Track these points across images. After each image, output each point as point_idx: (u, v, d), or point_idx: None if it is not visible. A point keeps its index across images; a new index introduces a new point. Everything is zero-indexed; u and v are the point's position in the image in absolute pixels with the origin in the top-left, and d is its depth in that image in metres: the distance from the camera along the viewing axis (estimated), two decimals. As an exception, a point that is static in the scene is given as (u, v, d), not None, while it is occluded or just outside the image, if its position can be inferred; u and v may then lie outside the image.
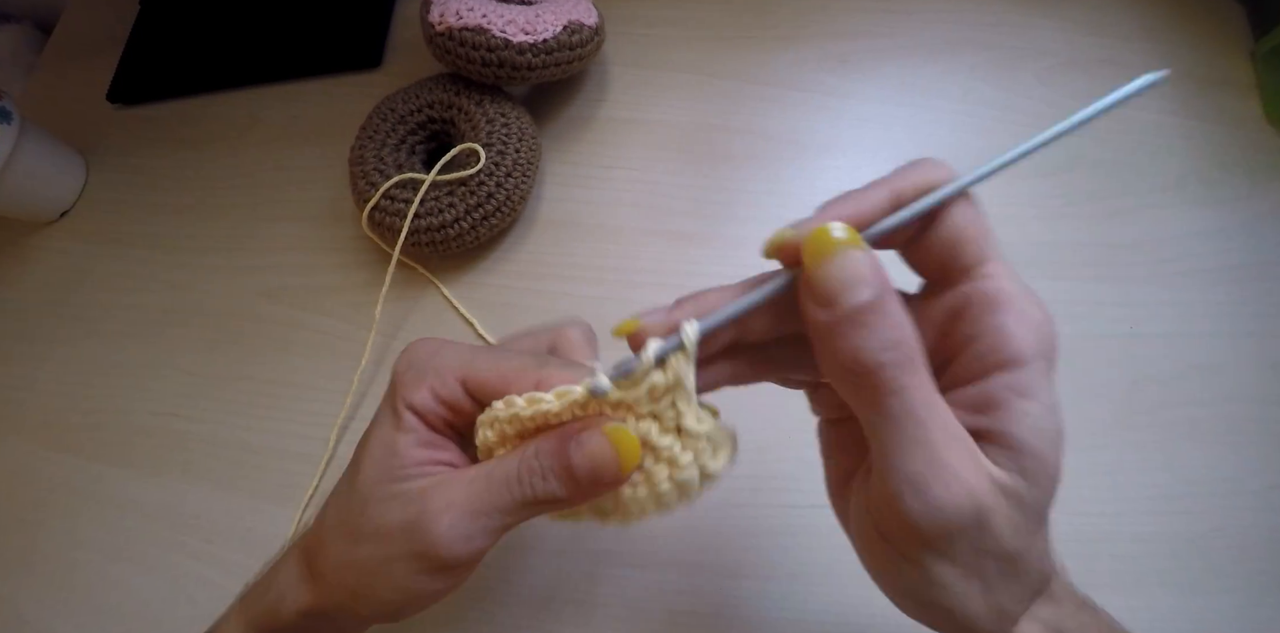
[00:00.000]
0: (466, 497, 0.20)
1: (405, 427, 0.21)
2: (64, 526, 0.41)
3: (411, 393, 0.22)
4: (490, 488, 0.20)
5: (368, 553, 0.21)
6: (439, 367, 0.22)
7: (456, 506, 0.20)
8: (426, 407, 0.22)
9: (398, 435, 0.21)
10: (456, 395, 0.22)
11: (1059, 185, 0.43)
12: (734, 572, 0.35)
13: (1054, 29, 0.48)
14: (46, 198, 0.52)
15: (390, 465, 0.21)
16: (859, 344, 0.16)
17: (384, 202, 0.42)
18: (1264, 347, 0.38)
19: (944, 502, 0.16)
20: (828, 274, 0.17)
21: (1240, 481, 0.35)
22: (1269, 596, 0.33)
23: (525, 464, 0.20)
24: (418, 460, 0.21)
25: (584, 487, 0.20)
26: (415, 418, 0.22)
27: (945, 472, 0.16)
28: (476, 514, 0.20)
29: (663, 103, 0.49)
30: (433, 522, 0.20)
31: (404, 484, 0.21)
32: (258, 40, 0.56)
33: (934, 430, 0.17)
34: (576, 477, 0.20)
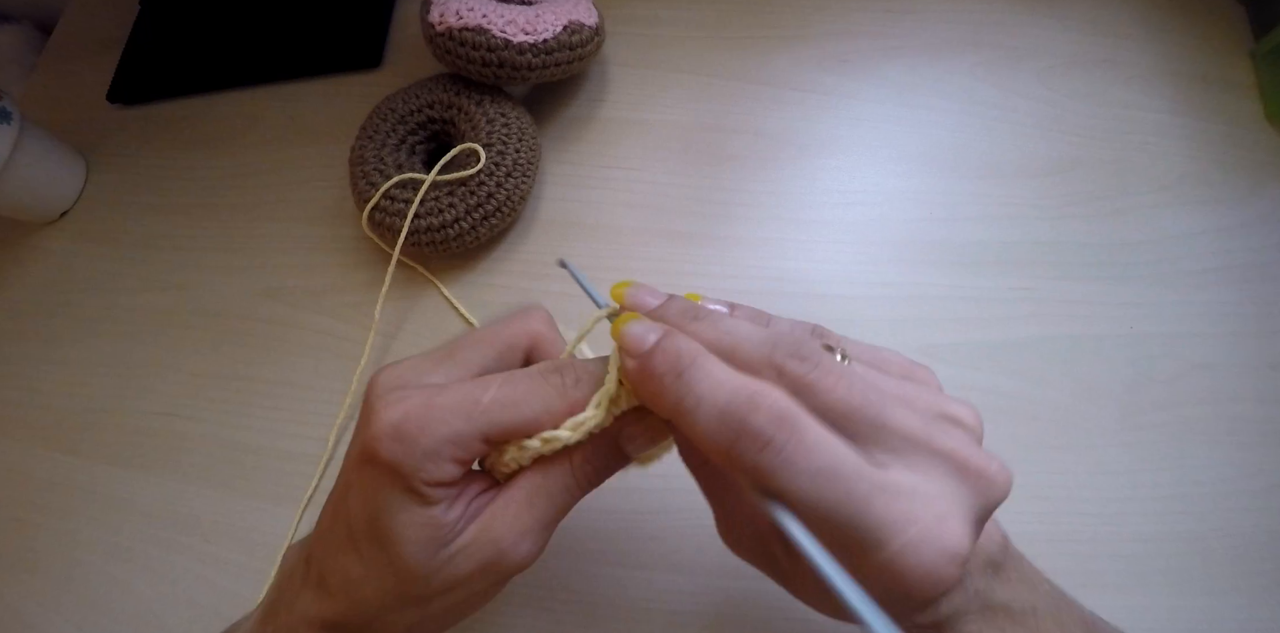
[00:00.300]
0: (537, 517, 0.21)
1: (434, 500, 0.20)
2: (63, 525, 0.41)
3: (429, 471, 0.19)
4: (553, 500, 0.21)
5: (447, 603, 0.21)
6: (448, 434, 0.19)
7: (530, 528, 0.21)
8: (452, 477, 0.20)
9: (430, 512, 0.20)
10: (480, 451, 0.20)
11: (1060, 185, 0.43)
12: (734, 572, 0.35)
13: (1054, 29, 0.48)
14: (46, 198, 0.52)
15: (440, 536, 0.20)
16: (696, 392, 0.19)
17: (384, 202, 0.42)
18: (1264, 347, 0.38)
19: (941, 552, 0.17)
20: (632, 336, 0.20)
21: (1240, 480, 0.35)
22: (1269, 596, 0.33)
23: (578, 470, 0.21)
24: (458, 516, 0.20)
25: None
26: (443, 489, 0.20)
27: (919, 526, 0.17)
28: (549, 526, 0.21)
29: (663, 103, 0.49)
30: (515, 552, 0.20)
31: (459, 541, 0.20)
32: (258, 40, 0.56)
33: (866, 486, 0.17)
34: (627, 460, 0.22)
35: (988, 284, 0.41)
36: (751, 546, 0.23)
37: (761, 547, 0.23)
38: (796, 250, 0.42)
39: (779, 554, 0.22)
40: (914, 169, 0.44)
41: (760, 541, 0.23)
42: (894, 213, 0.43)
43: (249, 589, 0.37)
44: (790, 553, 0.20)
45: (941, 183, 0.44)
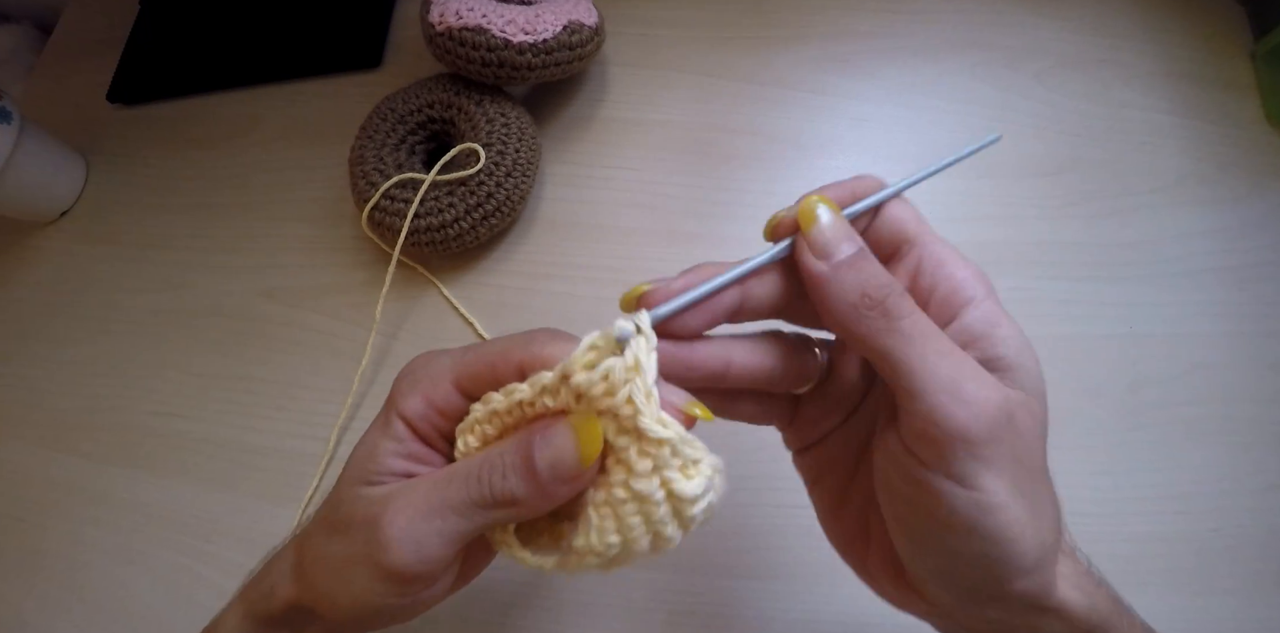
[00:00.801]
0: (425, 496, 0.19)
1: (391, 434, 0.21)
2: (63, 525, 0.41)
3: (403, 401, 0.21)
4: (449, 486, 0.19)
5: (334, 551, 0.20)
6: (433, 372, 0.21)
7: (413, 505, 0.19)
8: (418, 413, 0.21)
9: (381, 441, 0.21)
10: (450, 400, 0.21)
11: (1059, 185, 0.43)
12: (734, 572, 0.35)
13: (1054, 29, 0.48)
14: (46, 198, 0.52)
15: (366, 469, 0.21)
16: (862, 281, 0.19)
17: (384, 202, 0.42)
18: (1264, 347, 0.38)
19: (982, 399, 0.18)
20: (821, 230, 0.20)
21: (1240, 480, 0.35)
22: (1268, 596, 0.33)
23: (487, 461, 0.19)
24: (392, 469, 0.21)
25: (543, 484, 0.18)
26: (404, 427, 0.21)
27: (973, 373, 0.18)
28: (430, 514, 0.19)
29: (663, 103, 0.49)
30: (389, 523, 0.19)
31: (373, 489, 0.20)
32: (258, 40, 0.56)
33: (948, 343, 0.19)
34: (536, 470, 0.18)
35: (988, 284, 0.41)
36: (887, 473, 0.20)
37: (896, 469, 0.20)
38: (796, 250, 0.42)
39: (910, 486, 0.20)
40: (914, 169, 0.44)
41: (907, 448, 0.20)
42: (894, 213, 0.43)
43: (249, 589, 0.38)
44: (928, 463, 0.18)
45: (942, 183, 0.44)
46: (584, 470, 0.19)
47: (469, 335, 0.43)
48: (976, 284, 0.21)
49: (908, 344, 0.18)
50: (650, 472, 0.18)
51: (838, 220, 0.20)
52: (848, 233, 0.20)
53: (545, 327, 0.21)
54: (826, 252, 0.19)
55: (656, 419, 0.18)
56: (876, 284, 0.19)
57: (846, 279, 0.19)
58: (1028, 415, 0.18)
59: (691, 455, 0.18)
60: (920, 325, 0.19)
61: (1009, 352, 0.19)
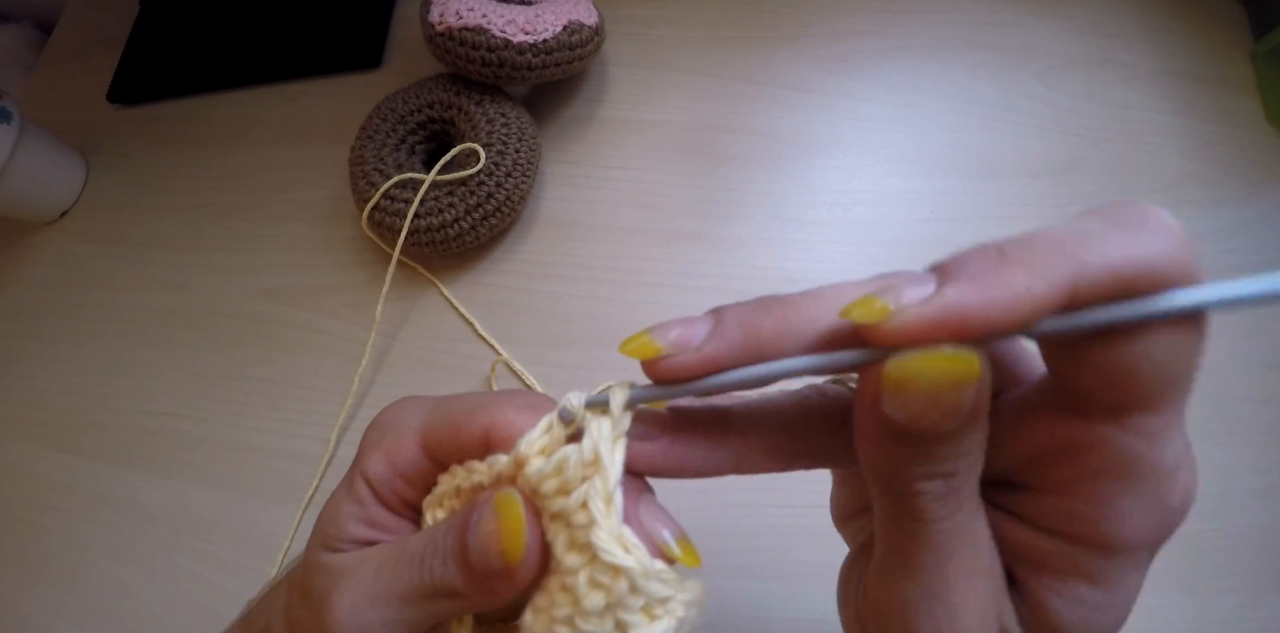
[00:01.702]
0: (373, 578, 0.17)
1: (354, 496, 0.18)
2: (64, 526, 0.41)
3: (367, 459, 0.18)
4: (395, 568, 0.16)
5: (300, 615, 0.18)
6: (399, 429, 0.18)
7: (360, 587, 0.17)
8: (380, 476, 0.18)
9: (344, 504, 0.18)
10: (415, 462, 0.18)
11: (1059, 185, 0.43)
12: (734, 572, 0.35)
13: (1054, 29, 0.48)
14: (46, 198, 0.52)
15: (327, 532, 0.18)
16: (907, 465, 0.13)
17: (384, 202, 0.42)
18: (1263, 347, 0.38)
19: None
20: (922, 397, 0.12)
21: (1240, 480, 0.35)
22: (1268, 596, 0.33)
23: (431, 541, 0.16)
24: (352, 537, 0.18)
25: (477, 577, 0.15)
26: (367, 490, 0.18)
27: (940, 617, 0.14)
28: (375, 600, 0.16)
29: (663, 103, 0.49)
30: (335, 605, 0.16)
31: (332, 557, 0.18)
32: (258, 40, 0.56)
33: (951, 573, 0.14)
34: (470, 559, 0.15)
35: (988, 284, 0.41)
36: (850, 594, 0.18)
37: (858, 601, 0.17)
38: (797, 250, 0.42)
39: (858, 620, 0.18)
40: (914, 169, 0.44)
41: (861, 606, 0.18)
42: (894, 213, 0.43)
43: (249, 589, 0.38)
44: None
45: (941, 183, 0.44)
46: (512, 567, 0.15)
47: (469, 335, 0.43)
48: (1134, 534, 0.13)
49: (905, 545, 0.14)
50: (602, 610, 0.14)
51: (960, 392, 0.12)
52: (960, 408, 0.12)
53: (524, 390, 0.18)
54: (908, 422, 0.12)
55: (616, 538, 0.13)
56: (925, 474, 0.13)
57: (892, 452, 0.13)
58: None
59: (657, 593, 0.14)
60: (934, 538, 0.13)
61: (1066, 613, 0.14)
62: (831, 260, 0.42)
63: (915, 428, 0.12)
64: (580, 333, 0.42)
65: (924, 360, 0.12)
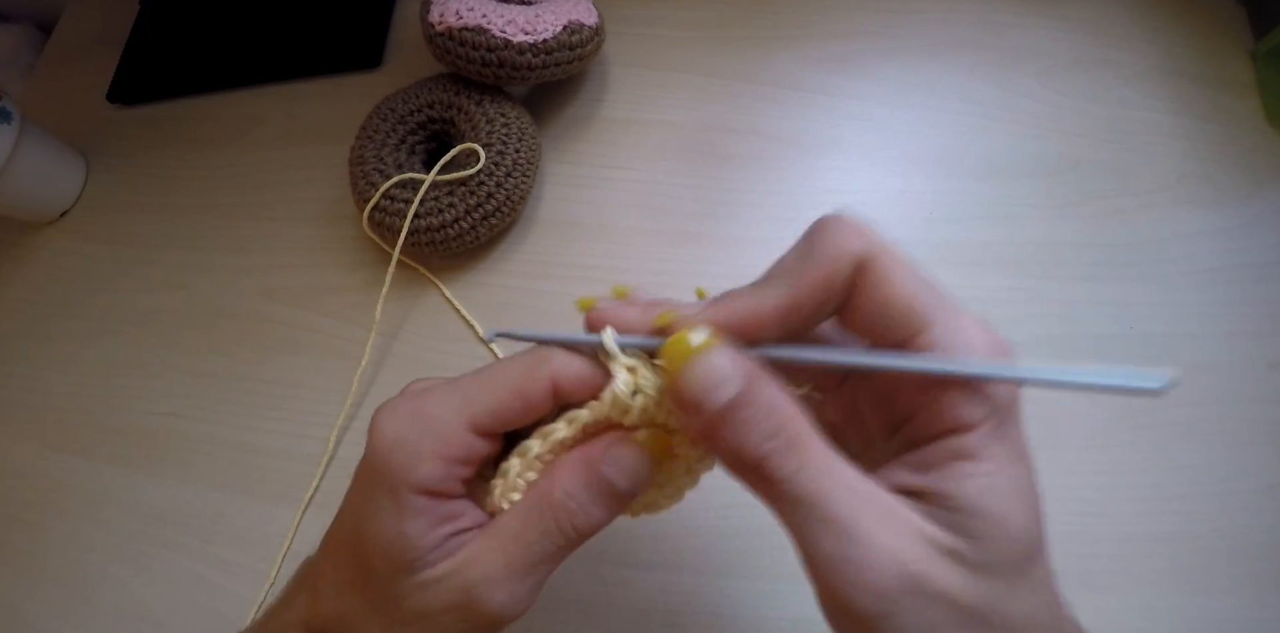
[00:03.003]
0: (508, 566, 0.19)
1: (412, 512, 0.19)
2: (64, 525, 0.41)
3: (412, 473, 0.19)
4: (529, 549, 0.19)
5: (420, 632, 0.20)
6: (436, 430, 0.19)
7: (503, 577, 0.19)
8: (437, 479, 0.19)
9: (404, 524, 0.19)
10: (471, 446, 0.19)
11: (1059, 185, 0.43)
12: (734, 572, 0.35)
13: (1054, 29, 0.48)
14: (46, 198, 0.52)
15: (406, 559, 0.19)
16: (737, 441, 0.16)
17: (384, 202, 0.42)
18: (1264, 347, 0.38)
19: (867, 578, 0.15)
20: (688, 383, 0.17)
21: (1240, 480, 0.35)
22: (1268, 596, 0.33)
23: (559, 511, 0.19)
24: (433, 544, 0.19)
25: (627, 500, 0.20)
26: (424, 499, 0.19)
27: (862, 549, 0.16)
28: (524, 577, 0.19)
29: (663, 103, 0.49)
30: (487, 601, 0.19)
31: (429, 572, 0.19)
32: (258, 40, 0.56)
33: (840, 507, 0.16)
34: (620, 495, 0.19)
35: (988, 284, 0.41)
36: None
37: None
38: (796, 250, 0.42)
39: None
40: (914, 169, 0.44)
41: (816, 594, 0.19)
42: (894, 213, 0.43)
43: (249, 589, 0.38)
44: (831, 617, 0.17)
45: (941, 183, 0.44)
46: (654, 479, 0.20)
47: (469, 336, 0.43)
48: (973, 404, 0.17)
49: (791, 509, 0.16)
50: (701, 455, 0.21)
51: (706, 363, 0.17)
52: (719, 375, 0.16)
53: (531, 349, 0.21)
54: (695, 405, 0.17)
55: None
56: (754, 439, 0.16)
57: (721, 439, 0.17)
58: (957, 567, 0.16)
59: None
60: (807, 484, 0.16)
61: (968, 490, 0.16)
62: (831, 260, 0.42)
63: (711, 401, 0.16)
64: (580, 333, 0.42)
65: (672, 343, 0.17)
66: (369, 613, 0.20)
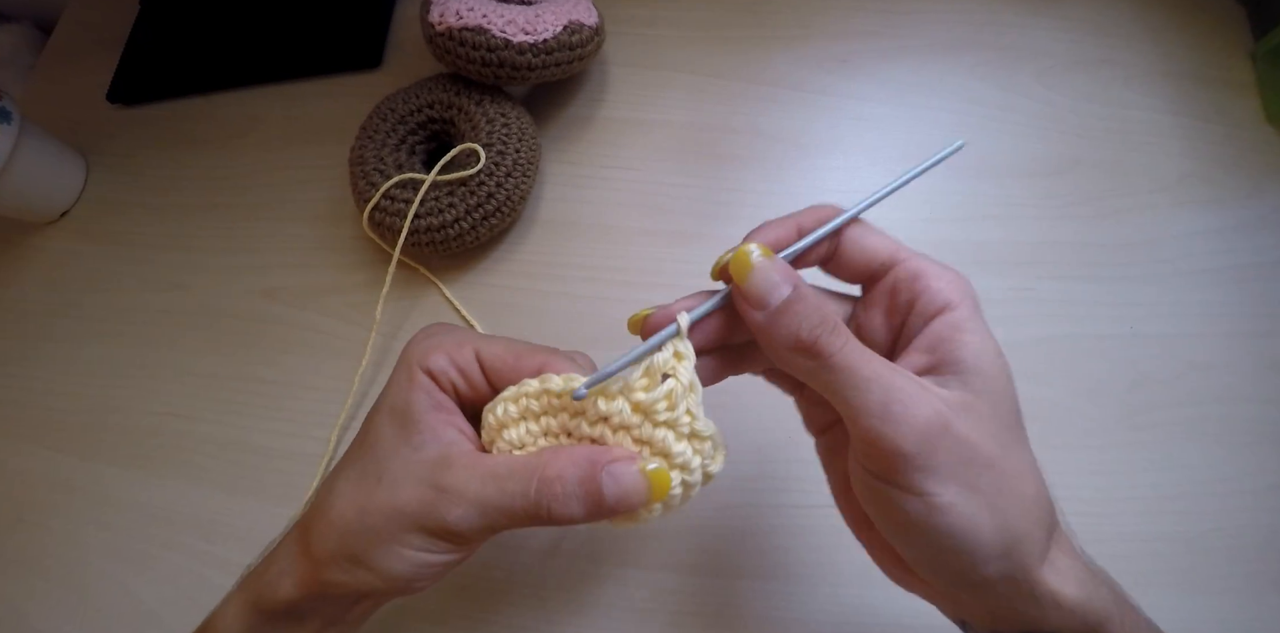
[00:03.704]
0: (479, 496, 0.21)
1: (419, 386, 0.23)
2: (63, 525, 0.41)
3: (426, 357, 0.23)
4: (503, 497, 0.21)
5: (379, 523, 0.22)
6: (455, 338, 0.24)
7: (468, 501, 0.21)
8: (441, 369, 0.23)
9: (412, 394, 0.23)
10: (470, 364, 0.23)
11: (1059, 185, 0.43)
12: (734, 572, 0.35)
13: (1054, 29, 0.48)
14: (46, 198, 0.52)
15: (405, 426, 0.22)
16: (795, 327, 0.20)
17: (384, 202, 0.42)
18: (1264, 347, 0.38)
19: (909, 418, 0.19)
20: (753, 284, 0.21)
21: (1240, 480, 0.35)
22: (1268, 596, 0.33)
23: (545, 488, 0.21)
24: (430, 423, 0.22)
25: (606, 513, 0.21)
26: (429, 379, 0.23)
27: (901, 395, 0.19)
28: (485, 514, 0.21)
29: (663, 103, 0.49)
30: (445, 511, 0.21)
31: (419, 453, 0.22)
32: (258, 40, 0.56)
33: (878, 368, 0.20)
34: (603, 505, 0.21)
35: (988, 284, 0.41)
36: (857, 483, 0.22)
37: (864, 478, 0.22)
38: (796, 250, 0.42)
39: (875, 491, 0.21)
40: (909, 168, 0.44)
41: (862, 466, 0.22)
42: (894, 213, 0.43)
43: (249, 589, 0.38)
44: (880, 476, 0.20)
45: (941, 183, 0.44)
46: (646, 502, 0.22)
47: (469, 335, 0.43)
48: (951, 292, 0.22)
49: (840, 377, 0.20)
50: (699, 466, 0.22)
51: (768, 269, 0.21)
52: (779, 279, 0.21)
53: (554, 348, 0.24)
54: (761, 302, 0.20)
55: (707, 423, 0.22)
56: (808, 326, 0.20)
57: (779, 326, 0.20)
58: (970, 417, 0.20)
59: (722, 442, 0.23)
60: (851, 356, 0.20)
61: (966, 354, 0.21)
62: (831, 260, 0.42)
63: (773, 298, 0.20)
64: (581, 333, 0.42)
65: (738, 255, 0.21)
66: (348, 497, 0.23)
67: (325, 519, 0.23)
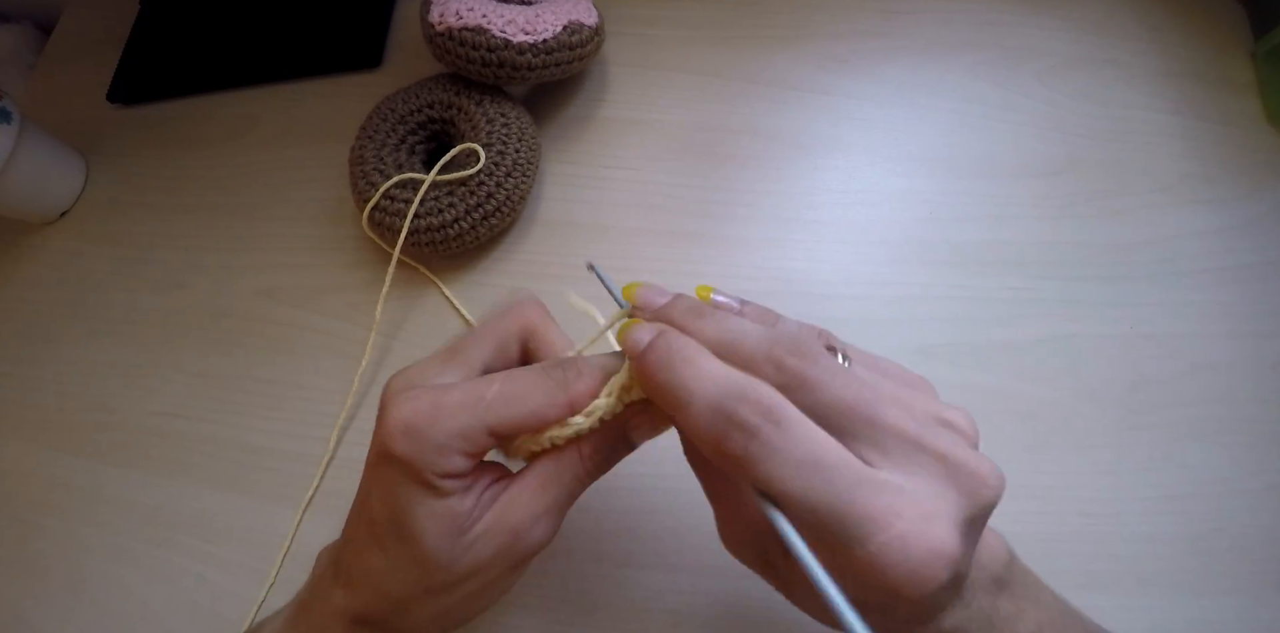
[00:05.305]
0: (551, 503, 0.22)
1: (447, 492, 0.21)
2: (63, 526, 0.41)
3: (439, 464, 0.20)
4: (564, 488, 0.22)
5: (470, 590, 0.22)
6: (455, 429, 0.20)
7: (543, 512, 0.22)
8: (462, 469, 0.21)
9: (445, 502, 0.21)
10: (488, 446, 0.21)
11: (1059, 185, 0.43)
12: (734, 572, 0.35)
13: (1054, 29, 0.48)
14: (46, 198, 0.52)
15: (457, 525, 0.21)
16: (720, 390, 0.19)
17: (384, 202, 0.42)
18: (1264, 347, 0.38)
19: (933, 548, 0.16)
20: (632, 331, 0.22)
21: (1240, 480, 0.35)
22: (1269, 596, 0.33)
23: (590, 460, 0.22)
24: (472, 506, 0.21)
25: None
26: (455, 481, 0.21)
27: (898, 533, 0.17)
28: (559, 511, 0.22)
29: (663, 103, 0.49)
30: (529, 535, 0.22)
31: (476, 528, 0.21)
32: (258, 40, 0.56)
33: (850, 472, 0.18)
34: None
35: (988, 284, 0.41)
36: (751, 548, 0.23)
37: (760, 549, 0.23)
38: (797, 250, 0.42)
39: (776, 557, 0.22)
40: (914, 169, 0.44)
41: (759, 543, 0.23)
42: (894, 213, 0.43)
43: (249, 589, 0.38)
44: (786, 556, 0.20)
45: (941, 183, 0.44)
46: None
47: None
48: None
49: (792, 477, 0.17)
50: None
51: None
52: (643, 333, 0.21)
53: (520, 309, 0.26)
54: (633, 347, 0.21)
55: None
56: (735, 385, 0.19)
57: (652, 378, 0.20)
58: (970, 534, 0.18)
59: None
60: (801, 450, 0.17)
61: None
62: (831, 260, 0.42)
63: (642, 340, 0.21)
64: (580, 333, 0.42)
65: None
66: (424, 587, 0.22)
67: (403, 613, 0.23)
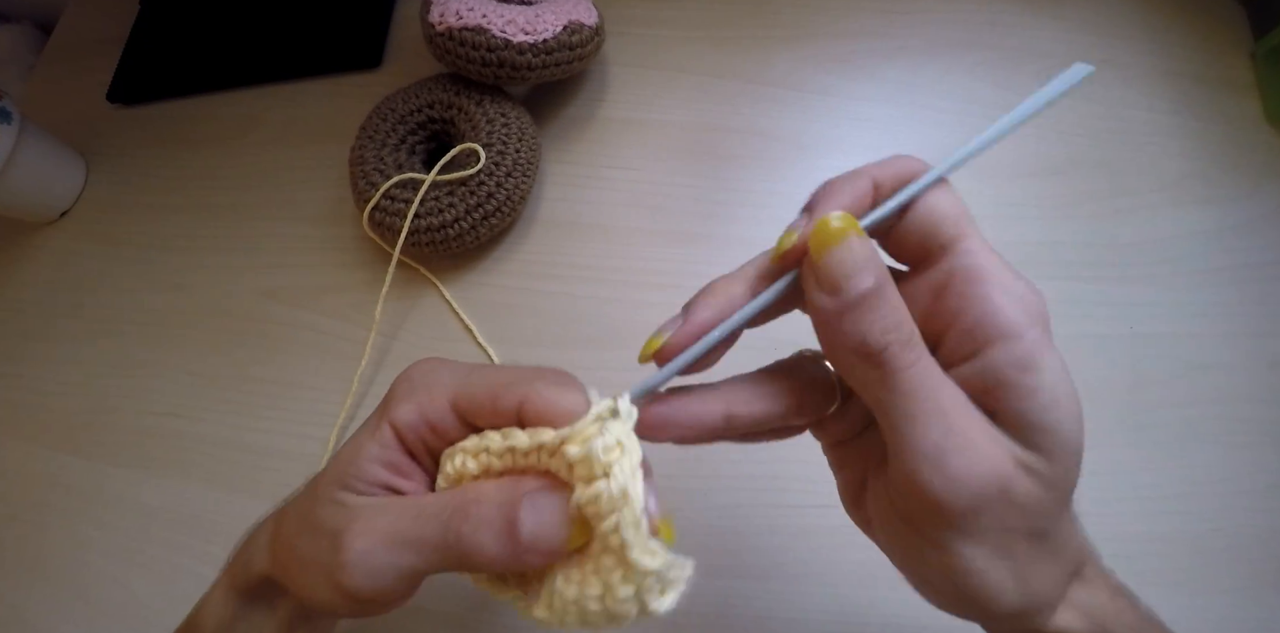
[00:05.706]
0: (391, 524, 0.18)
1: (378, 440, 0.20)
2: (63, 525, 0.41)
3: (396, 407, 0.20)
4: (417, 520, 0.18)
5: (302, 548, 0.20)
6: (432, 383, 0.20)
7: (377, 531, 0.18)
8: (408, 423, 0.20)
9: (367, 445, 0.20)
10: (444, 417, 0.20)
11: (1059, 185, 0.43)
12: (734, 572, 0.35)
13: (1054, 29, 0.48)
14: (46, 198, 0.52)
15: (346, 472, 0.20)
16: (865, 328, 0.17)
17: (384, 202, 0.42)
18: (1264, 347, 0.38)
19: (965, 473, 0.16)
20: (832, 262, 0.17)
21: (1240, 480, 0.35)
22: (1267, 595, 0.33)
23: (461, 509, 0.18)
24: (370, 478, 0.20)
25: (520, 550, 0.17)
26: (392, 435, 0.20)
27: (963, 442, 0.17)
28: (391, 545, 0.18)
29: (663, 103, 0.49)
30: (348, 545, 0.18)
31: (348, 496, 0.20)
32: (258, 40, 0.56)
33: (946, 403, 0.17)
34: (519, 535, 0.17)
35: (988, 284, 0.41)
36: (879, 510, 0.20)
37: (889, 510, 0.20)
38: (796, 250, 0.42)
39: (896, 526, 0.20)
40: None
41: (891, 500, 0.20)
42: (894, 213, 0.43)
43: (249, 589, 0.37)
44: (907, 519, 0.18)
45: (941, 183, 0.44)
46: (563, 551, 0.18)
47: (468, 336, 0.43)
48: (1017, 312, 0.17)
49: (900, 400, 0.17)
50: (631, 597, 0.17)
51: (853, 246, 0.17)
52: (863, 263, 0.17)
53: (556, 367, 0.20)
54: (835, 286, 0.17)
55: (646, 551, 0.17)
56: (880, 329, 0.17)
57: (848, 322, 0.17)
58: (1034, 483, 0.17)
59: (674, 578, 0.18)
60: (919, 378, 0.17)
61: (1035, 406, 0.17)
62: (831, 260, 0.42)
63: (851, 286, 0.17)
64: (581, 333, 0.42)
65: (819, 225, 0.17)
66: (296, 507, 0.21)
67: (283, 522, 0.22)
